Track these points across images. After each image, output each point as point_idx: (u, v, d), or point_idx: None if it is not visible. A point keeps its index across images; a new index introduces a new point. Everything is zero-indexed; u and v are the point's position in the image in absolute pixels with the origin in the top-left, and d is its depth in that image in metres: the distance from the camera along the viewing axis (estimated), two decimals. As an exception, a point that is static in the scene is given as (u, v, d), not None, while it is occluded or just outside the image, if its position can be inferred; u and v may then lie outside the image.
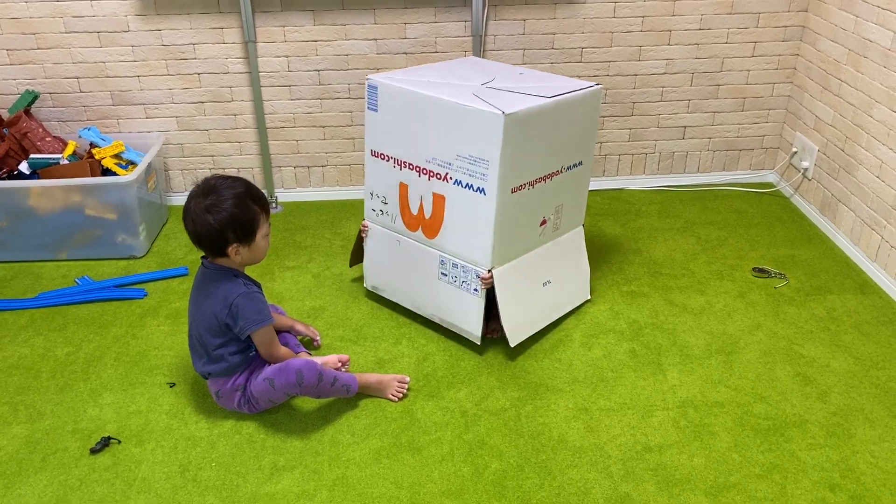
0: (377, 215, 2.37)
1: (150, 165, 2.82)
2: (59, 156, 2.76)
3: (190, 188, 3.10)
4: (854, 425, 1.97)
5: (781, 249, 2.79)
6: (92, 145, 2.83)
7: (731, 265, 2.69)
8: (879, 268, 2.59)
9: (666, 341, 2.30)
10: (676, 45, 3.01)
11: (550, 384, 2.13)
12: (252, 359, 2.01)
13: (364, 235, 2.43)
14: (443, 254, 2.23)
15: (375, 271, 2.46)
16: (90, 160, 2.76)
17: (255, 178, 3.16)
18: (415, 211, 2.25)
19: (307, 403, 2.06)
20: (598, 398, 2.07)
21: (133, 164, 2.83)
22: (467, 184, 2.08)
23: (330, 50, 2.93)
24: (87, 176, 2.69)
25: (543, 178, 2.18)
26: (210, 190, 1.86)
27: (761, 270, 2.64)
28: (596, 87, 2.23)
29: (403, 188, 2.25)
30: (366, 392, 2.08)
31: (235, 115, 3.03)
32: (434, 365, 2.21)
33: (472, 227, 2.12)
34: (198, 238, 1.88)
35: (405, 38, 2.92)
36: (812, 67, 2.97)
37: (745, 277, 2.62)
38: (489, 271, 2.13)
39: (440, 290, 2.27)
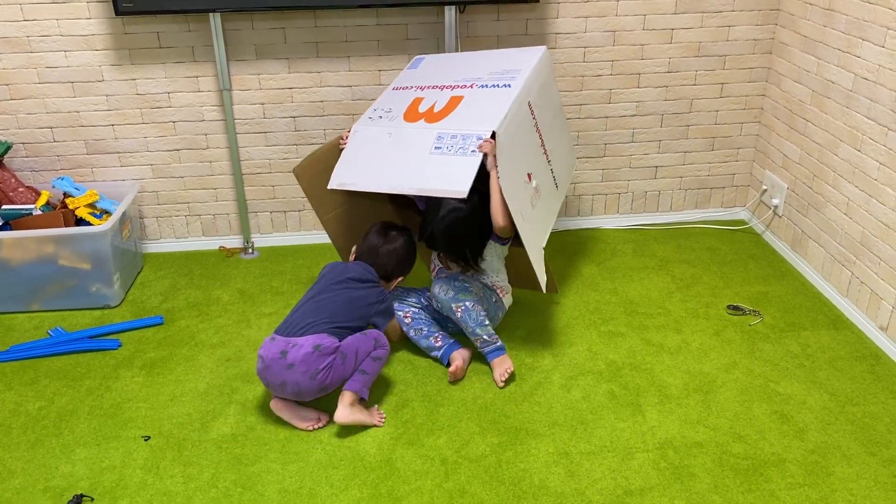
0: (372, 121, 2.40)
1: (124, 214, 2.81)
2: (32, 206, 2.74)
3: (165, 235, 3.12)
4: (832, 463, 1.99)
5: (755, 286, 2.82)
6: (65, 195, 2.82)
7: (705, 303, 2.71)
8: (851, 303, 2.63)
9: (644, 381, 2.31)
10: (646, 87, 3.07)
11: (530, 428, 2.12)
12: None
13: (342, 144, 2.38)
14: (443, 131, 2.22)
15: (347, 169, 2.31)
16: (64, 210, 2.74)
17: (232, 223, 3.16)
18: (422, 110, 2.36)
19: (285, 452, 2.04)
20: (578, 441, 2.07)
21: (107, 213, 2.81)
22: (493, 84, 2.32)
23: (305, 97, 2.95)
24: (61, 226, 2.67)
25: (542, 142, 2.40)
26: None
27: (735, 308, 2.67)
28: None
29: (417, 101, 2.41)
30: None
31: (211, 161, 3.04)
32: (413, 412, 2.20)
33: (486, 107, 2.24)
34: (397, 256, 2.37)
35: (379, 85, 2.95)
36: (778, 107, 3.04)
37: (719, 315, 2.64)
38: (493, 134, 2.12)
39: (430, 162, 2.18)
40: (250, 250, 3.15)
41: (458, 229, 2.30)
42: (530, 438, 2.08)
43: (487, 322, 2.33)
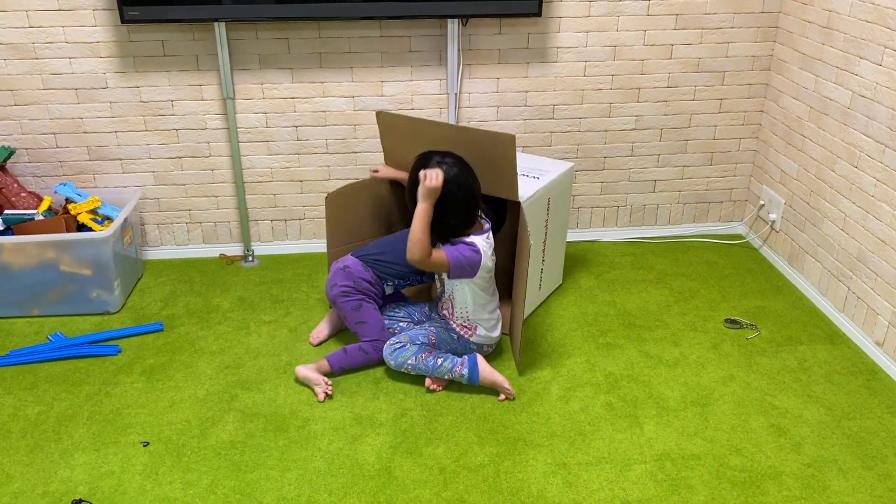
0: None
1: (126, 220, 2.82)
2: (34, 211, 2.75)
3: (166, 242, 3.14)
4: (828, 476, 2.00)
5: (752, 300, 2.84)
6: (68, 201, 2.83)
7: (703, 316, 2.73)
8: (847, 318, 2.65)
9: (642, 393, 2.32)
10: (645, 102, 3.10)
11: (529, 439, 2.13)
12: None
13: (375, 174, 2.63)
14: None
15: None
16: (65, 216, 2.75)
17: (232, 231, 3.17)
18: None
19: (284, 459, 2.04)
20: (576, 452, 2.08)
21: (109, 219, 2.82)
22: (523, 173, 2.60)
23: (308, 106, 2.97)
24: (62, 232, 2.68)
25: (545, 240, 2.64)
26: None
27: (733, 321, 2.69)
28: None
29: None
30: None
31: (213, 169, 3.05)
32: (412, 420, 2.20)
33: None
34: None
35: (382, 96, 2.98)
36: (776, 123, 3.07)
37: (717, 328, 2.66)
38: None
39: None
40: (250, 258, 3.16)
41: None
42: (528, 449, 2.09)
43: (441, 363, 2.30)
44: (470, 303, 2.34)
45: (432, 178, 2.17)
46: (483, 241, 2.29)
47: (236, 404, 2.28)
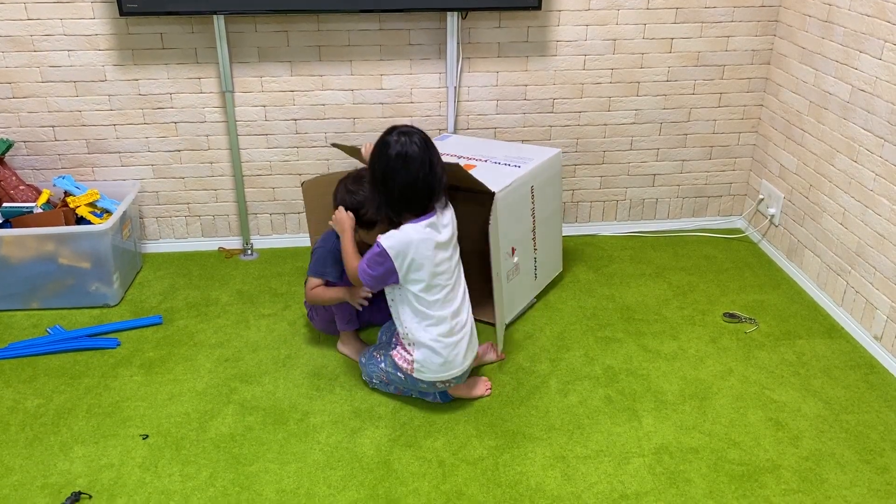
0: None
1: (125, 213, 2.82)
2: (33, 204, 2.75)
3: (165, 236, 3.13)
4: (826, 470, 2.00)
5: (751, 294, 2.84)
6: (66, 194, 2.83)
7: (702, 310, 2.73)
8: (845, 312, 2.65)
9: (640, 387, 2.33)
10: (645, 95, 3.10)
11: (527, 432, 2.13)
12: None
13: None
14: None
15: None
16: (64, 209, 2.75)
17: (231, 224, 3.17)
18: None
19: (283, 452, 2.05)
20: (574, 445, 2.08)
21: (108, 212, 2.82)
22: (505, 163, 2.59)
23: (307, 100, 2.97)
24: (61, 224, 2.67)
25: (534, 228, 2.60)
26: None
27: (732, 315, 2.69)
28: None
29: None
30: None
31: (212, 163, 3.05)
32: (411, 413, 2.21)
33: (494, 177, 2.43)
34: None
35: (381, 89, 2.97)
36: (776, 118, 3.07)
37: (716, 322, 2.66)
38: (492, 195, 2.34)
39: None
40: (249, 252, 3.16)
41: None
42: (527, 442, 2.10)
43: (421, 385, 2.17)
44: (408, 315, 2.09)
45: (335, 218, 2.25)
46: (411, 230, 2.01)
47: (235, 397, 2.28)
